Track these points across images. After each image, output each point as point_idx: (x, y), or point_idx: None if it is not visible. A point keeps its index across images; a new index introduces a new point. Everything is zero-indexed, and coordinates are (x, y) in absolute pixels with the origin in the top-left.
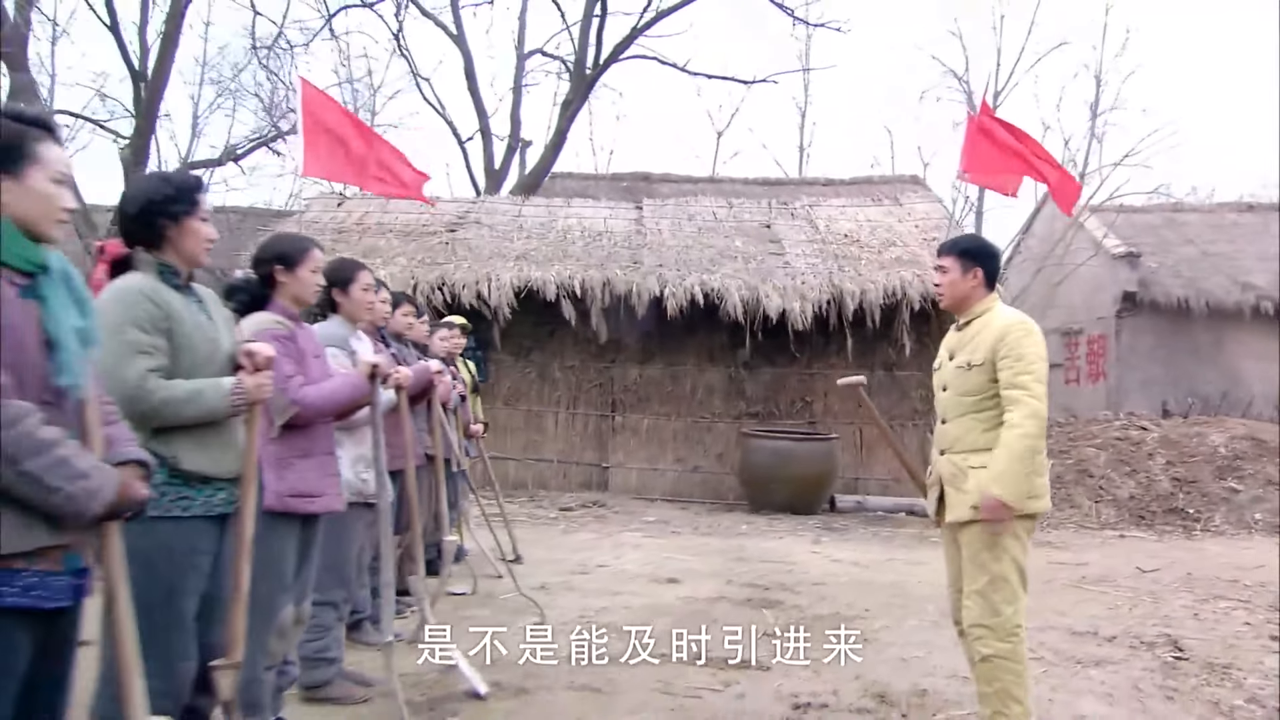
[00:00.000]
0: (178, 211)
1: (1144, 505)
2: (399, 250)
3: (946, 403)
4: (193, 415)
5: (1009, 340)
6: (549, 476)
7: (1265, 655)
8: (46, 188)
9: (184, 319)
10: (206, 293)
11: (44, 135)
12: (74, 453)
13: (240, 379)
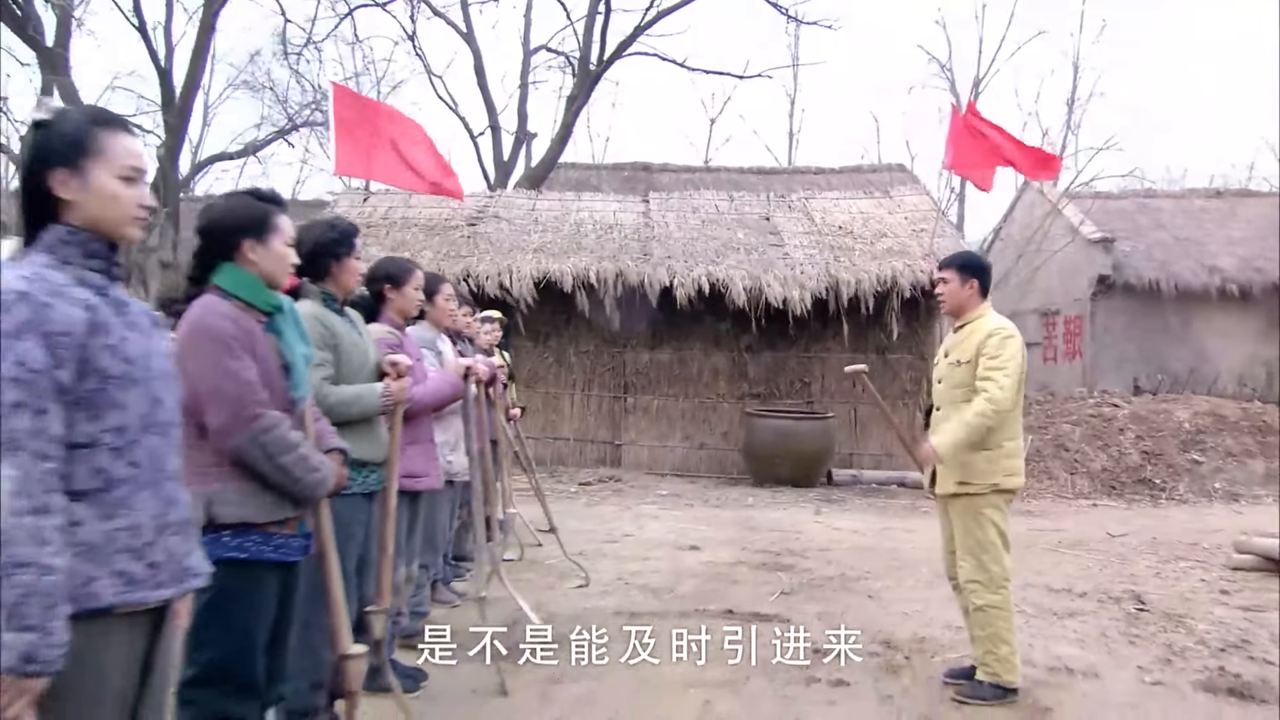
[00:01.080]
0: (340, 253)
1: (1115, 476)
2: (424, 244)
3: (940, 394)
4: (355, 414)
5: (991, 342)
6: (566, 453)
7: (1215, 606)
8: (282, 250)
9: (344, 337)
10: (354, 314)
11: (280, 210)
12: (310, 451)
13: (387, 384)
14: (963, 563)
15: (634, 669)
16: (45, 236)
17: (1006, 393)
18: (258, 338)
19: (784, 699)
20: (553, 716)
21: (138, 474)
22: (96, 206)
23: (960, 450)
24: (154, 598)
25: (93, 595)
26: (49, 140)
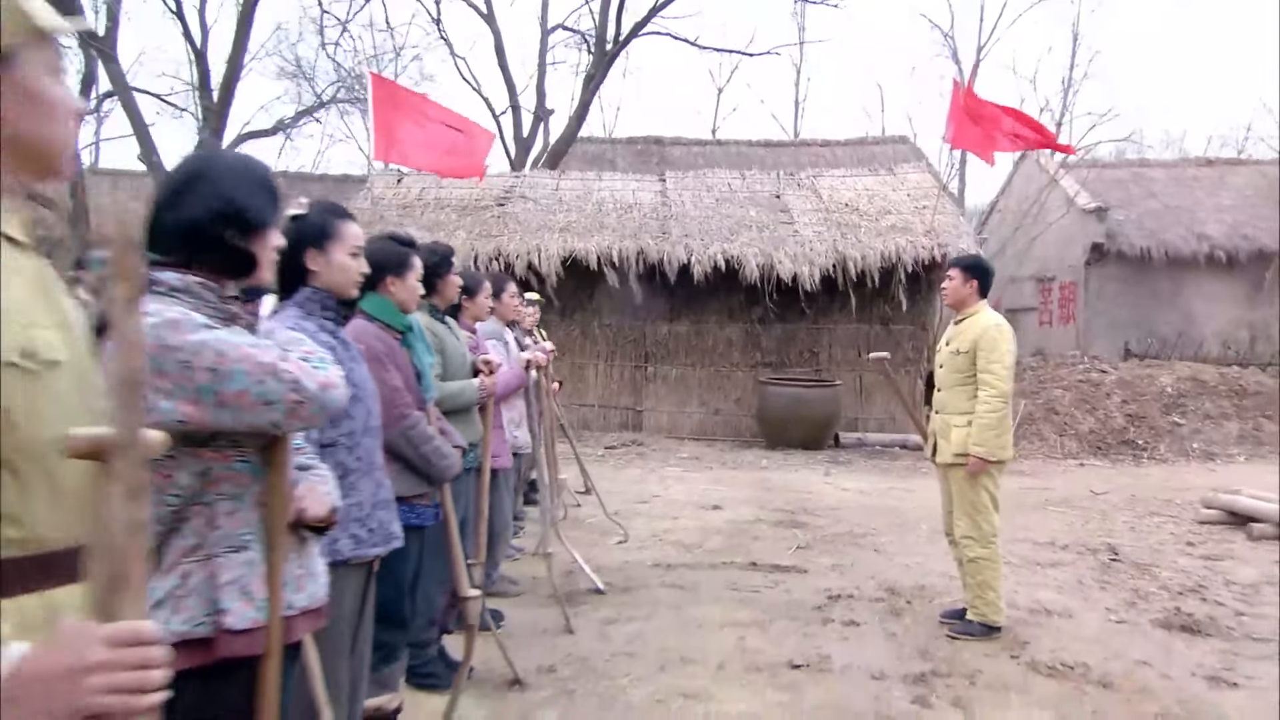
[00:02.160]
0: (442, 272)
1: (1101, 438)
2: (458, 224)
3: (942, 377)
4: (459, 405)
5: (986, 337)
6: (591, 419)
7: (1180, 556)
8: (415, 284)
9: (447, 341)
10: (451, 321)
11: (415, 252)
12: (441, 442)
13: (481, 380)
14: (959, 521)
15: (676, 611)
16: (297, 296)
17: (1004, 382)
18: (398, 352)
19: (804, 635)
20: (611, 651)
21: (360, 465)
22: (334, 275)
23: (989, 438)
24: (371, 554)
25: (337, 551)
26: (303, 228)
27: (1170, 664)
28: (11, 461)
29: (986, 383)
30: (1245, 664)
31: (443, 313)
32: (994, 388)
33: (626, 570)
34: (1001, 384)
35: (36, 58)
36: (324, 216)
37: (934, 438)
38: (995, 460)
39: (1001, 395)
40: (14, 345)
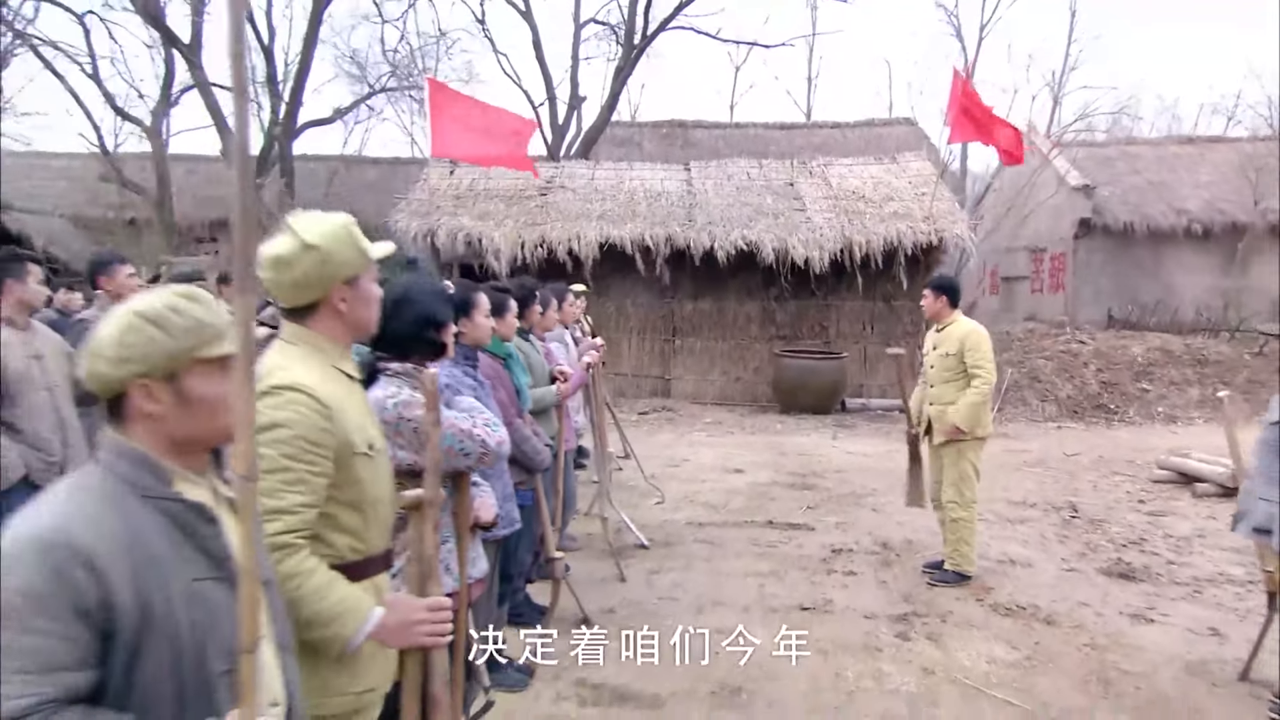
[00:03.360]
0: (531, 302)
1: (1078, 403)
2: (505, 214)
3: (933, 375)
4: (543, 408)
5: (970, 341)
6: (625, 387)
7: (1129, 513)
8: (514, 320)
9: (533, 356)
10: (534, 339)
11: (511, 296)
12: (537, 442)
13: (558, 386)
14: (947, 489)
15: (707, 563)
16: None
17: (990, 375)
18: (503, 374)
19: (812, 584)
20: (657, 596)
21: (494, 472)
22: (476, 333)
23: (972, 415)
24: (502, 534)
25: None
26: (453, 300)
27: (1105, 605)
28: (360, 506)
29: (978, 375)
30: (1165, 604)
31: (528, 334)
32: (984, 379)
33: (665, 528)
34: (990, 376)
35: (369, 275)
36: (466, 292)
37: (927, 422)
38: (978, 436)
39: (989, 384)
40: (364, 441)
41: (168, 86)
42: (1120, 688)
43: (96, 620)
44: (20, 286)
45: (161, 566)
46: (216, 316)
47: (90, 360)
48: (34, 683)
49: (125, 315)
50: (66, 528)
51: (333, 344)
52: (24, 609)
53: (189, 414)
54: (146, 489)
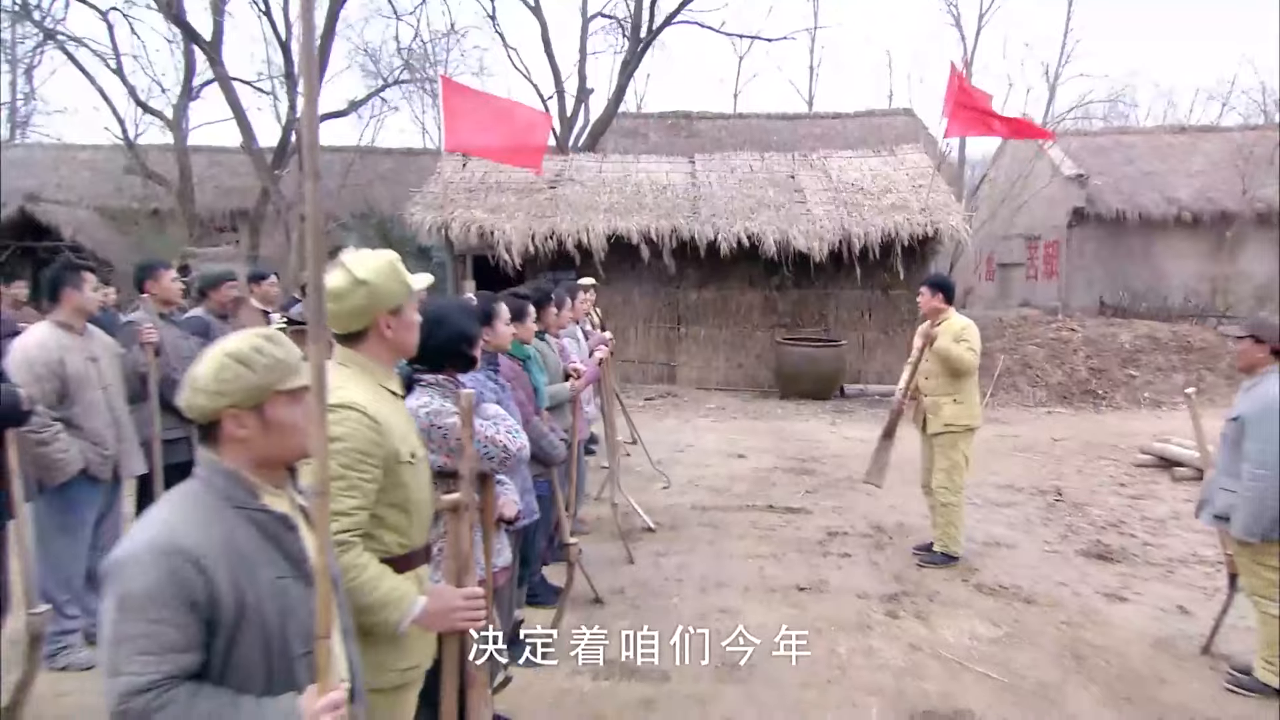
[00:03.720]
0: (546, 303)
1: (1067, 389)
2: (517, 206)
3: (928, 369)
4: (559, 403)
5: (963, 333)
6: (632, 373)
7: (1111, 496)
8: (533, 325)
9: (549, 356)
10: (550, 339)
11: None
12: (554, 437)
13: (572, 383)
14: (938, 475)
15: (711, 545)
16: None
17: (974, 356)
18: (522, 375)
19: (810, 565)
20: (664, 577)
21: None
22: (497, 339)
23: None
24: (523, 525)
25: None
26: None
27: (1082, 584)
28: (405, 508)
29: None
30: (1138, 583)
31: (543, 333)
32: (969, 354)
33: (671, 512)
34: (974, 356)
35: (410, 305)
36: (487, 303)
37: (922, 414)
38: (970, 427)
39: (973, 359)
40: (407, 450)
41: (188, 81)
42: (1092, 662)
43: (203, 611)
44: (77, 294)
45: (252, 567)
46: (291, 355)
47: (190, 394)
48: (153, 663)
49: (218, 355)
50: (179, 536)
51: (379, 365)
52: (146, 603)
53: (271, 437)
54: (239, 501)
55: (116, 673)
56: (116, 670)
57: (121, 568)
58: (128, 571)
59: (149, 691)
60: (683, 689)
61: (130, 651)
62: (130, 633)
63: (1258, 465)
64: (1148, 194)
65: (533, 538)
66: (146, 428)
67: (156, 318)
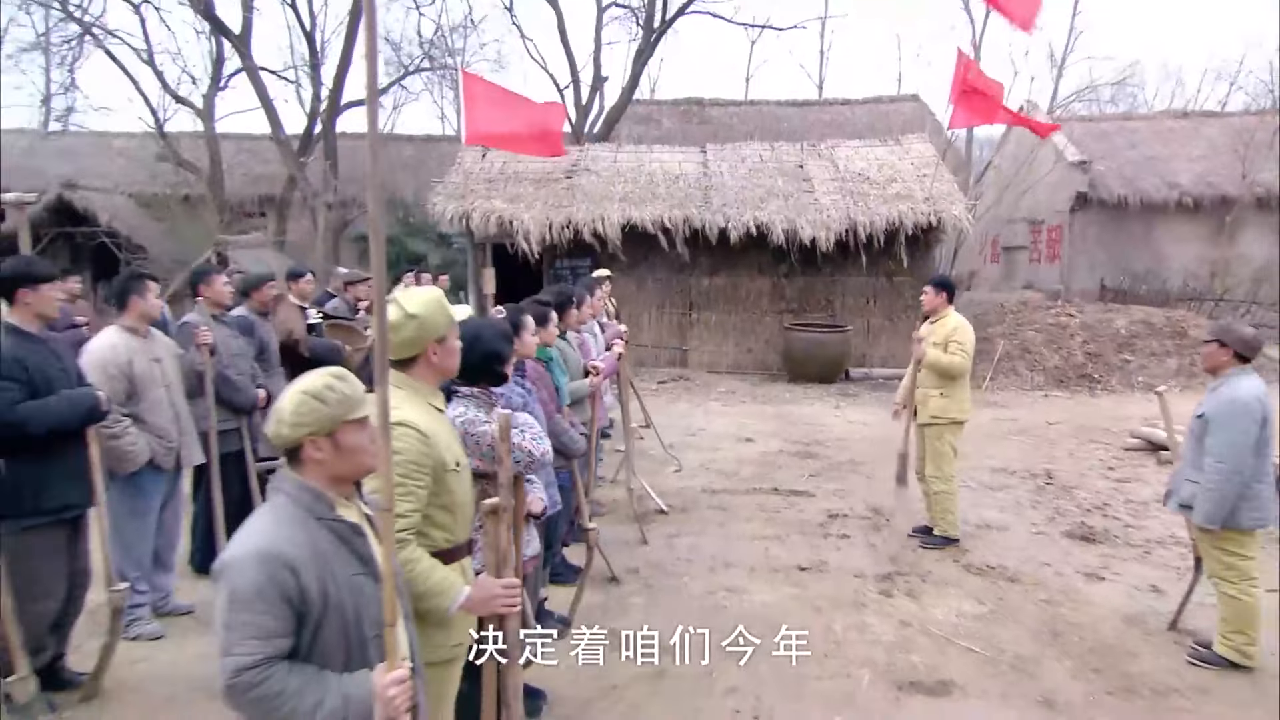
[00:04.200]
0: (568, 306)
1: (1064, 373)
2: (535, 196)
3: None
4: (579, 398)
5: (956, 334)
6: (645, 357)
7: (1099, 480)
8: (555, 330)
9: (569, 354)
10: (570, 337)
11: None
12: (575, 432)
13: (591, 380)
14: (929, 464)
15: (720, 527)
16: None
17: (964, 360)
18: (545, 375)
19: (811, 546)
20: (675, 557)
21: None
22: (525, 348)
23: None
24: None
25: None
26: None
27: (1064, 564)
28: (451, 509)
29: (957, 353)
30: (1117, 563)
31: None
32: (960, 356)
33: (682, 495)
34: (965, 358)
35: (453, 334)
36: (515, 316)
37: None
38: (956, 420)
39: (964, 361)
40: (453, 459)
41: (218, 71)
42: (1067, 637)
43: (295, 605)
44: (142, 301)
45: (332, 567)
46: (356, 390)
47: (275, 425)
48: (258, 646)
49: (297, 394)
50: (276, 544)
51: (427, 386)
52: (252, 599)
53: (342, 458)
54: (319, 513)
55: (228, 653)
56: (228, 651)
57: (231, 569)
58: (237, 573)
59: (254, 669)
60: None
61: (239, 637)
62: (239, 622)
63: (1219, 459)
64: (1149, 179)
65: (556, 525)
66: (203, 420)
67: (209, 319)
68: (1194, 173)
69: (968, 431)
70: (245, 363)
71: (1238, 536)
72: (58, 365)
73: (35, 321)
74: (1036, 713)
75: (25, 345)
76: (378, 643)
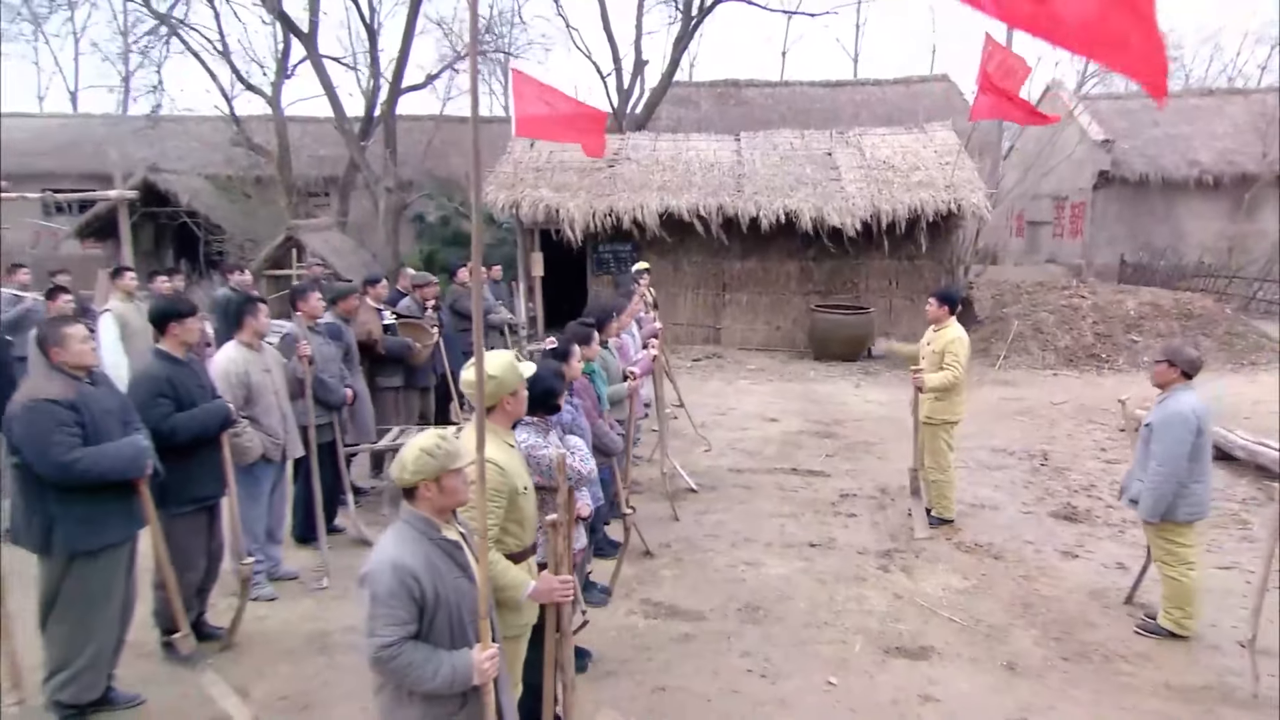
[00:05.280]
0: (609, 320)
1: (1074, 353)
2: (579, 185)
3: (924, 365)
4: (619, 399)
5: (951, 346)
6: (681, 334)
7: (1090, 460)
8: (599, 348)
9: (611, 362)
10: (611, 347)
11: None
12: (613, 434)
13: (629, 384)
14: (926, 457)
15: (743, 505)
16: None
17: (958, 371)
18: (588, 386)
19: (821, 524)
20: (704, 533)
21: None
22: (573, 372)
23: (934, 388)
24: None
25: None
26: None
27: (1046, 543)
28: (521, 521)
29: (950, 365)
30: (1093, 543)
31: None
32: (954, 369)
33: (711, 474)
34: (959, 371)
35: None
36: (566, 347)
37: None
38: (949, 421)
39: (956, 375)
40: (522, 484)
41: (284, 61)
42: (1036, 609)
43: (417, 600)
44: (255, 321)
45: (441, 573)
46: (457, 448)
47: (399, 471)
48: (394, 630)
49: (416, 450)
50: (401, 557)
51: (503, 428)
52: (389, 597)
53: (445, 496)
54: (430, 535)
55: (373, 635)
56: (373, 633)
57: (374, 576)
58: (377, 578)
59: (392, 646)
60: (714, 626)
61: (381, 624)
62: (380, 613)
63: (1160, 463)
64: (1171, 157)
65: (599, 515)
66: (303, 417)
67: (306, 331)
68: (1215, 150)
69: (975, 411)
70: (335, 366)
71: (1176, 528)
72: (197, 383)
73: (181, 348)
74: (1000, 674)
75: (173, 368)
76: (474, 628)
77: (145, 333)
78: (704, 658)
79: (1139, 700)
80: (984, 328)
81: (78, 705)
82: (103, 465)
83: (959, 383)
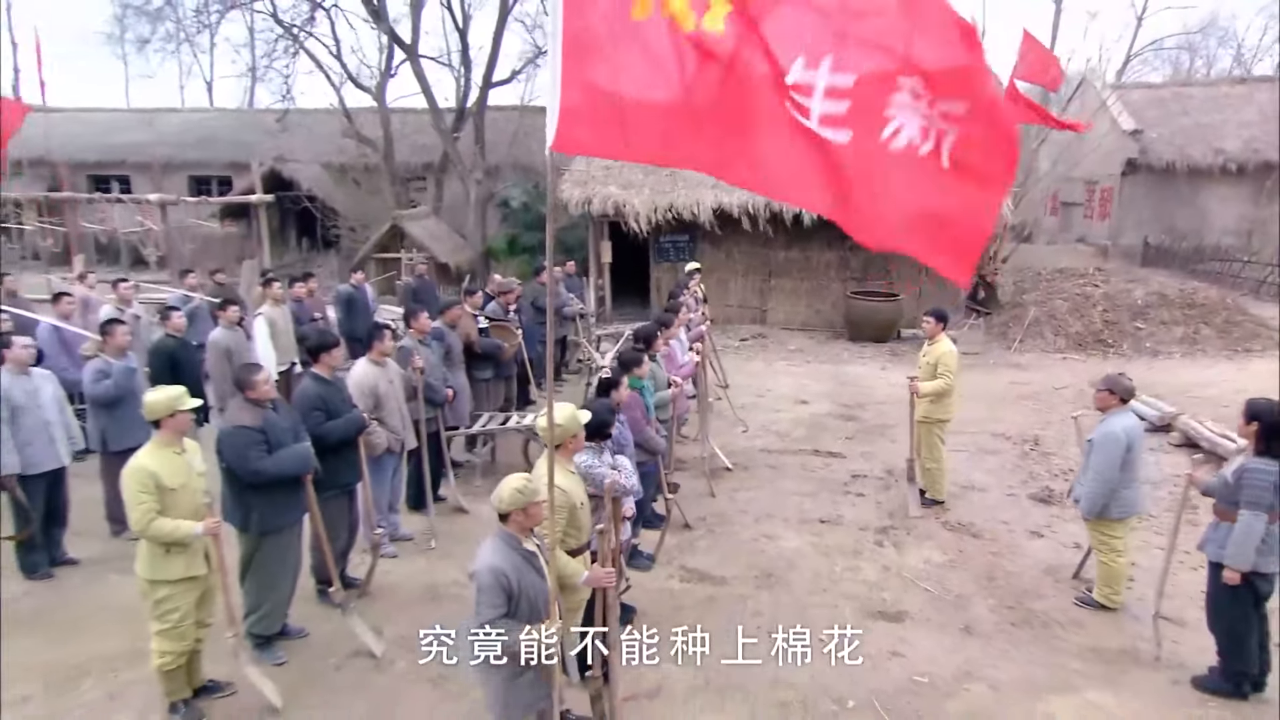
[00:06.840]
0: (656, 335)
1: (1083, 338)
2: (643, 183)
3: (920, 374)
4: (665, 404)
5: (943, 359)
6: (731, 315)
7: (1074, 446)
8: (650, 365)
9: (658, 374)
10: (660, 359)
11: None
12: (658, 437)
13: (673, 391)
14: (924, 450)
15: (771, 485)
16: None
17: (949, 380)
18: (636, 399)
19: (832, 502)
20: (736, 509)
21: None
22: (623, 395)
23: (932, 391)
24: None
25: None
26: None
27: (1020, 523)
28: (578, 527)
29: (943, 374)
30: (1058, 524)
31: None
32: (945, 378)
33: (746, 454)
34: (950, 380)
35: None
36: (617, 373)
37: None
38: (940, 420)
39: (948, 383)
40: (579, 501)
41: (388, 63)
42: (998, 581)
43: (507, 592)
44: (381, 344)
45: (523, 572)
46: (538, 485)
47: (498, 501)
48: (493, 610)
49: (510, 489)
50: (496, 561)
51: (567, 459)
52: (489, 591)
53: (528, 519)
54: (514, 546)
55: (479, 614)
56: (479, 613)
57: (480, 573)
58: (481, 576)
59: (491, 620)
60: (734, 590)
61: (484, 607)
62: (484, 600)
63: (1096, 473)
64: (1197, 145)
65: (644, 503)
66: (415, 414)
67: (418, 345)
68: (1241, 138)
69: (986, 394)
70: (439, 371)
71: (1109, 523)
72: (341, 398)
73: (328, 371)
74: (957, 636)
75: (324, 387)
76: (545, 610)
77: (288, 332)
78: (723, 616)
79: (1065, 660)
80: (1005, 312)
81: (266, 635)
82: (281, 467)
83: (950, 389)
